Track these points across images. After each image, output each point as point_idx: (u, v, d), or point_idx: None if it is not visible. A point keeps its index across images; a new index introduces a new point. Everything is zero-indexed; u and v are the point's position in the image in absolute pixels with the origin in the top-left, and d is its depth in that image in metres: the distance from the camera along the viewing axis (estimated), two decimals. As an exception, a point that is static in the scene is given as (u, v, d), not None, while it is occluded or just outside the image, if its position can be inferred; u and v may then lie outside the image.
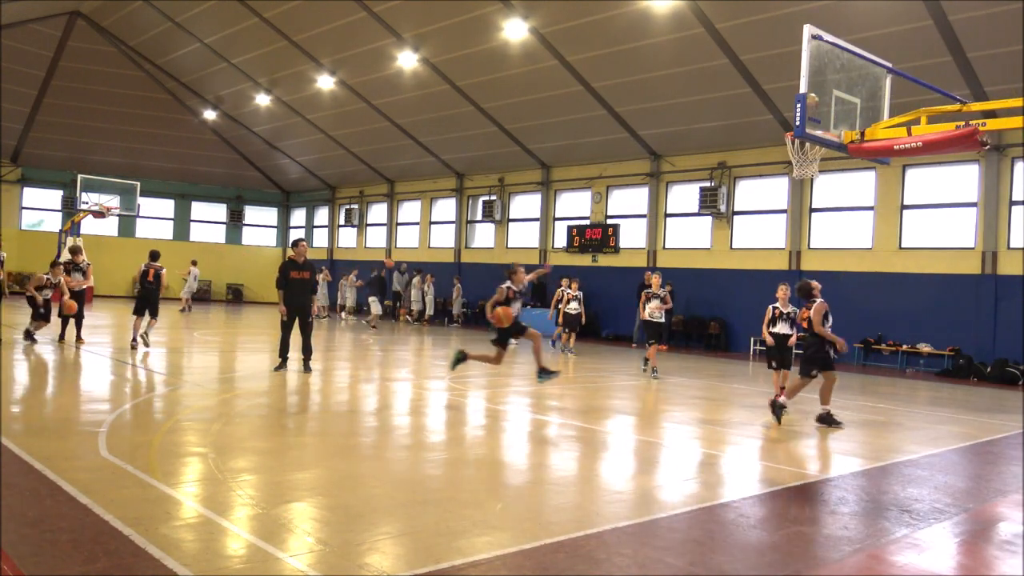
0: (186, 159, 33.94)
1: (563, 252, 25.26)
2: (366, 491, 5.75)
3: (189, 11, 24.65)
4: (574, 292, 17.46)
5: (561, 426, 8.95)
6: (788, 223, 20.43)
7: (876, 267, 18.75)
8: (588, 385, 13.11)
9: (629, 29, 18.31)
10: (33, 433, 7.12)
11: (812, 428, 9.32)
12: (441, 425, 9.04)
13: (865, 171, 18.79)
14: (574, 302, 17.38)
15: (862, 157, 7.70)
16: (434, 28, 21.03)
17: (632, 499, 5.98)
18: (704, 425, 9.38)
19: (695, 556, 4.66)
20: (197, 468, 6.15)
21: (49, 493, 5.17)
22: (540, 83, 21.47)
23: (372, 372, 13.50)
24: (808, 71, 7.05)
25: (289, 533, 4.67)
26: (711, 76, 18.68)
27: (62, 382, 10.81)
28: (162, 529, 4.57)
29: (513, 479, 6.46)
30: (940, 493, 6.54)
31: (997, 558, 5.05)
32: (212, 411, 8.59)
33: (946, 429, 9.99)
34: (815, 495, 6.25)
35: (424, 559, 4.31)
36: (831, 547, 4.95)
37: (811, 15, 14.76)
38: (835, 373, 9.50)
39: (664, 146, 22.47)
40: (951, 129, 6.97)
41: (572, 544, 4.69)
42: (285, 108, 28.62)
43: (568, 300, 17.39)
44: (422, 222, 30.89)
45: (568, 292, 17.49)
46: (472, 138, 25.86)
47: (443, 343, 19.53)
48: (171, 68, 29.41)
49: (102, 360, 12.68)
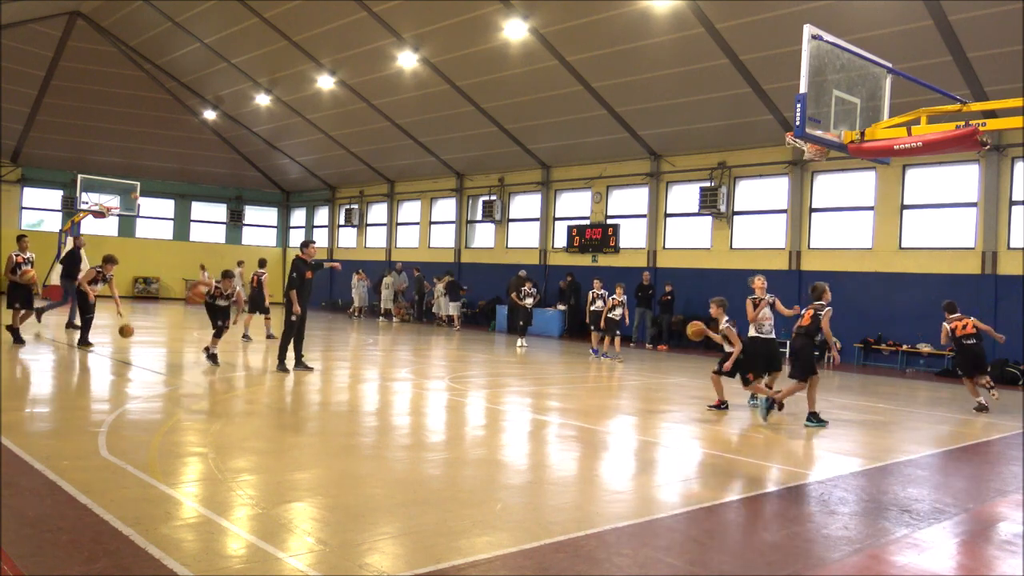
0: (186, 159, 33.92)
1: (563, 252, 25.26)
2: (366, 491, 5.75)
3: (189, 11, 24.64)
4: (619, 298, 16.78)
5: (561, 426, 8.95)
6: (788, 223, 20.43)
7: (876, 267, 18.74)
8: (588, 385, 13.11)
9: (629, 29, 18.30)
10: (33, 433, 7.13)
11: (812, 428, 9.32)
12: (441, 425, 9.04)
13: (865, 171, 18.78)
14: (618, 308, 16.65)
15: (862, 157, 7.70)
16: (434, 28, 21.03)
17: (632, 499, 5.98)
18: (704, 425, 9.38)
19: (695, 556, 4.66)
20: (197, 468, 6.15)
21: (49, 493, 5.17)
22: (540, 83, 21.47)
23: (372, 371, 13.50)
24: (808, 71, 7.04)
25: (289, 533, 4.67)
26: (711, 76, 18.68)
27: (62, 382, 10.80)
28: (162, 529, 4.58)
29: (513, 479, 6.46)
30: (940, 493, 6.54)
31: (997, 558, 5.05)
32: (212, 411, 8.59)
33: (946, 429, 9.99)
34: (815, 495, 6.25)
35: (424, 559, 4.31)
36: (831, 547, 4.95)
37: (811, 15, 14.75)
38: (818, 376, 9.65)
39: (664, 146, 22.46)
40: (951, 129, 6.97)
41: (572, 544, 4.69)
42: (285, 108, 28.62)
43: (613, 305, 16.68)
44: (422, 222, 30.89)
45: (614, 297, 16.83)
46: (472, 138, 25.86)
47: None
48: (171, 68, 29.41)
49: (102, 360, 12.68)
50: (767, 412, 9.42)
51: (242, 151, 34.21)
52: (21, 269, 13.89)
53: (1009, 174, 17.06)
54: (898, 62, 8.94)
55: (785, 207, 20.55)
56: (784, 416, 9.83)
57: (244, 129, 31.98)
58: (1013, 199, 17.02)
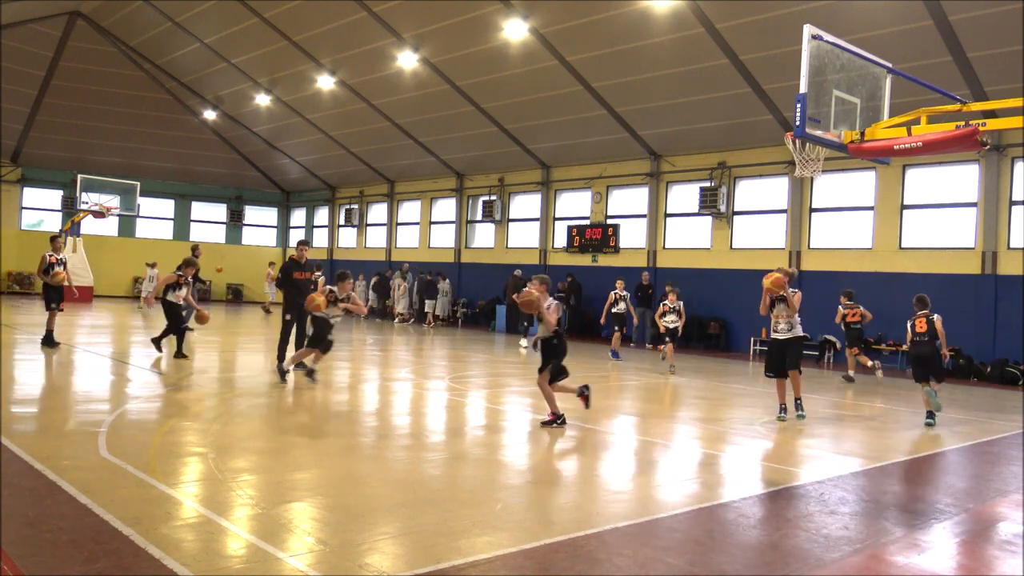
0: (186, 159, 33.91)
1: (563, 252, 25.26)
2: (366, 491, 5.75)
3: (189, 11, 24.64)
4: (671, 303, 15.51)
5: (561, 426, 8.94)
6: (788, 223, 20.42)
7: (876, 267, 18.74)
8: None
9: (629, 29, 18.30)
10: (33, 433, 7.12)
11: (811, 428, 9.32)
12: (441, 425, 9.04)
13: (865, 171, 18.78)
14: (671, 314, 15.41)
15: (862, 157, 7.70)
16: (434, 28, 21.03)
17: (632, 499, 5.98)
18: (704, 425, 9.38)
19: (695, 556, 4.66)
20: (197, 468, 6.15)
21: (49, 493, 5.17)
22: (540, 83, 21.46)
23: (373, 371, 13.49)
24: (808, 71, 7.04)
25: (289, 533, 4.67)
26: (711, 76, 18.67)
27: (62, 382, 10.80)
28: (162, 529, 4.58)
29: (513, 479, 6.46)
30: (940, 493, 6.54)
31: (997, 558, 5.05)
32: (212, 411, 8.59)
33: (946, 429, 9.99)
34: (815, 495, 6.25)
35: (424, 559, 4.31)
36: (831, 547, 4.95)
37: (811, 15, 14.74)
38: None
39: (664, 146, 22.46)
40: (951, 129, 6.97)
41: (572, 544, 4.69)
42: (285, 108, 28.62)
43: (665, 311, 15.46)
44: (422, 222, 30.88)
45: (665, 303, 15.66)
46: (472, 138, 25.86)
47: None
48: (171, 68, 29.40)
49: (102, 360, 12.68)
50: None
51: (242, 151, 34.20)
52: (54, 270, 13.90)
53: (1009, 174, 17.06)
54: (898, 62, 8.93)
55: (785, 207, 20.55)
56: (781, 416, 9.83)
57: (244, 129, 31.98)
58: (1013, 199, 17.01)
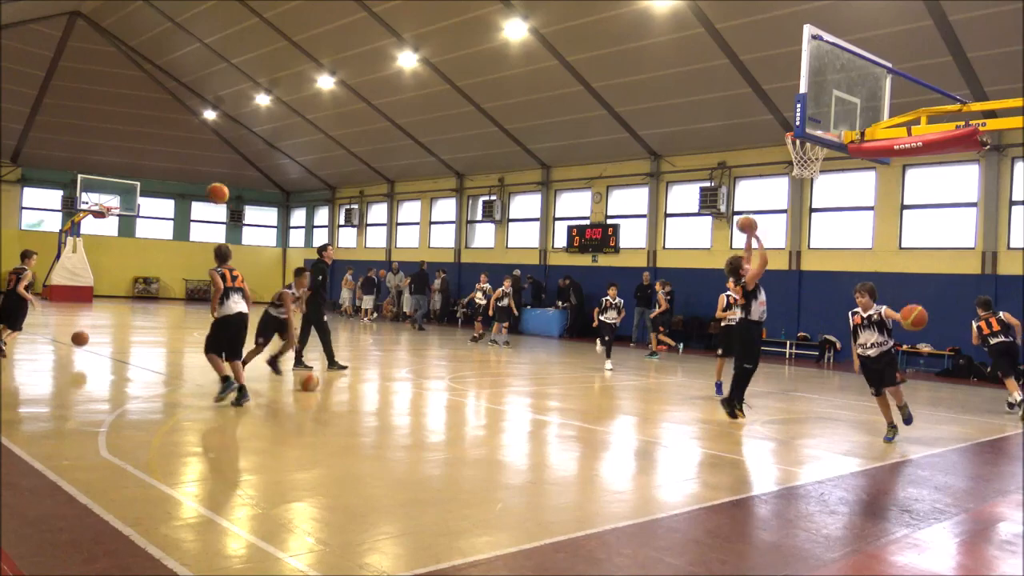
0: (186, 159, 33.91)
1: (563, 252, 25.26)
2: (366, 491, 5.75)
3: (189, 11, 24.64)
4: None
5: (561, 426, 8.95)
6: (788, 223, 20.42)
7: (876, 267, 18.73)
8: (587, 385, 13.11)
9: (629, 29, 18.30)
10: (33, 433, 7.12)
11: (811, 428, 9.32)
12: (441, 425, 9.04)
13: (865, 171, 18.78)
14: (612, 310, 15.04)
15: (862, 157, 7.70)
16: (434, 28, 21.03)
17: (632, 499, 5.98)
18: (704, 425, 9.38)
19: (695, 556, 4.66)
20: (197, 468, 6.15)
21: (49, 493, 5.17)
22: (540, 83, 21.47)
23: (373, 371, 13.49)
24: (808, 71, 7.05)
25: (289, 533, 4.67)
26: (711, 76, 18.67)
27: (62, 382, 10.80)
28: (162, 529, 4.58)
29: (513, 479, 6.45)
30: (940, 493, 6.53)
31: (997, 558, 5.05)
32: (212, 411, 8.59)
33: (946, 429, 9.99)
34: (815, 495, 6.25)
35: (424, 559, 4.31)
36: (831, 547, 4.95)
37: (811, 15, 14.74)
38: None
39: (664, 146, 22.46)
40: (951, 129, 6.98)
41: (572, 544, 4.69)
42: (285, 108, 28.62)
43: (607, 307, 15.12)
44: (422, 222, 30.88)
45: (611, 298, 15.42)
46: (472, 138, 25.86)
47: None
48: (171, 68, 29.40)
49: (102, 360, 12.68)
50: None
51: (242, 151, 34.21)
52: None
53: (1009, 174, 17.06)
54: (898, 62, 8.93)
55: (785, 207, 20.55)
56: (784, 417, 9.83)
57: (244, 129, 31.98)
58: (1013, 199, 17.01)
